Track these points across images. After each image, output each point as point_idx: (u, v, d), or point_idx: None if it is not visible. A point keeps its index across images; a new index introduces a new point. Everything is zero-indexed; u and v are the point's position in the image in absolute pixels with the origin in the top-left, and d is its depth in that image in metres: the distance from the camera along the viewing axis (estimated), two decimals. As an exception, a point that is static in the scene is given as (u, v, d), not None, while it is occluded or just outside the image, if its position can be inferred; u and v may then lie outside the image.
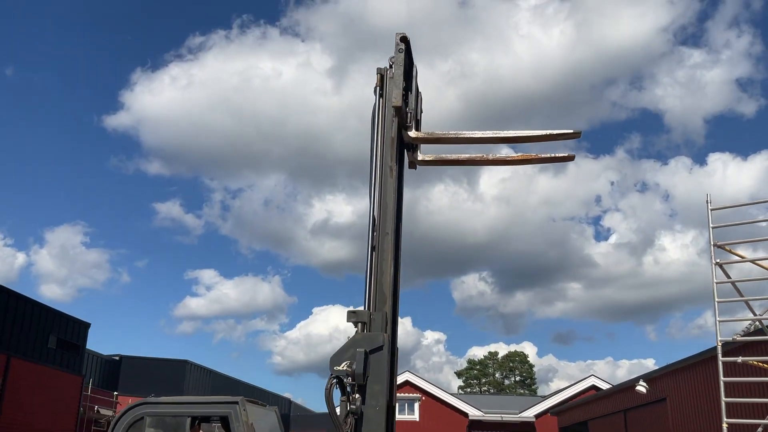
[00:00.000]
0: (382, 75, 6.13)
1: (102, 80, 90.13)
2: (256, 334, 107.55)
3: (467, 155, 6.48)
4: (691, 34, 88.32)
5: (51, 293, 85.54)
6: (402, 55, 6.00)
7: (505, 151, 6.99)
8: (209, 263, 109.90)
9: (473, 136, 6.14)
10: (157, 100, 79.45)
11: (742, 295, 9.77)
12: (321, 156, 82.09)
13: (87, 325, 27.82)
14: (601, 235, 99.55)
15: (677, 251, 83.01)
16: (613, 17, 75.78)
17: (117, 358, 34.75)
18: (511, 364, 78.74)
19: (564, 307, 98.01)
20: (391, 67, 6.06)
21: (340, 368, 4.92)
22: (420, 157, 6.40)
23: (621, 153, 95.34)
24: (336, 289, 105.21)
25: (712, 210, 9.44)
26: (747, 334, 10.39)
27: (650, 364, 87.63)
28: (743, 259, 9.88)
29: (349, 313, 5.33)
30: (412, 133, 6.17)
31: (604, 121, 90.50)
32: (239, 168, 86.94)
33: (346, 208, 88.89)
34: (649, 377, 21.29)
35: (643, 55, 77.63)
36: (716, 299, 9.45)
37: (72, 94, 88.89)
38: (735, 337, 9.64)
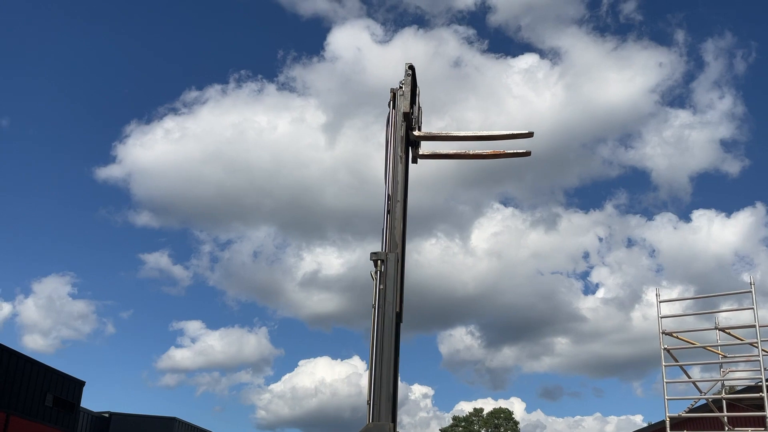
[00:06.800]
0: (394, 93, 8.73)
1: (96, 133, 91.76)
2: (239, 387, 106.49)
3: (453, 151, 8.98)
4: (677, 96, 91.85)
5: (34, 344, 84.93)
6: (410, 78, 8.69)
7: (479, 150, 9.19)
8: (195, 314, 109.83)
9: (459, 134, 8.92)
10: (149, 153, 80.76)
11: (689, 377, 11.10)
12: (311, 209, 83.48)
13: (82, 384, 28.53)
14: (589, 289, 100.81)
15: (664, 307, 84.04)
16: (600, 81, 79.11)
17: (107, 415, 35.16)
18: (496, 421, 78.69)
19: (551, 362, 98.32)
20: (400, 87, 8.66)
21: None
22: (420, 152, 8.76)
23: (609, 208, 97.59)
24: (323, 342, 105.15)
25: (660, 302, 10.84)
26: (692, 410, 11.67)
27: (638, 420, 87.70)
28: (693, 345, 11.26)
29: (372, 253, 7.40)
30: (417, 132, 8.70)
31: (595, 178, 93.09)
32: (229, 220, 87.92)
33: (336, 260, 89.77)
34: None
35: (631, 115, 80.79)
36: (665, 380, 10.76)
37: (65, 146, 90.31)
38: (681, 413, 10.92)
